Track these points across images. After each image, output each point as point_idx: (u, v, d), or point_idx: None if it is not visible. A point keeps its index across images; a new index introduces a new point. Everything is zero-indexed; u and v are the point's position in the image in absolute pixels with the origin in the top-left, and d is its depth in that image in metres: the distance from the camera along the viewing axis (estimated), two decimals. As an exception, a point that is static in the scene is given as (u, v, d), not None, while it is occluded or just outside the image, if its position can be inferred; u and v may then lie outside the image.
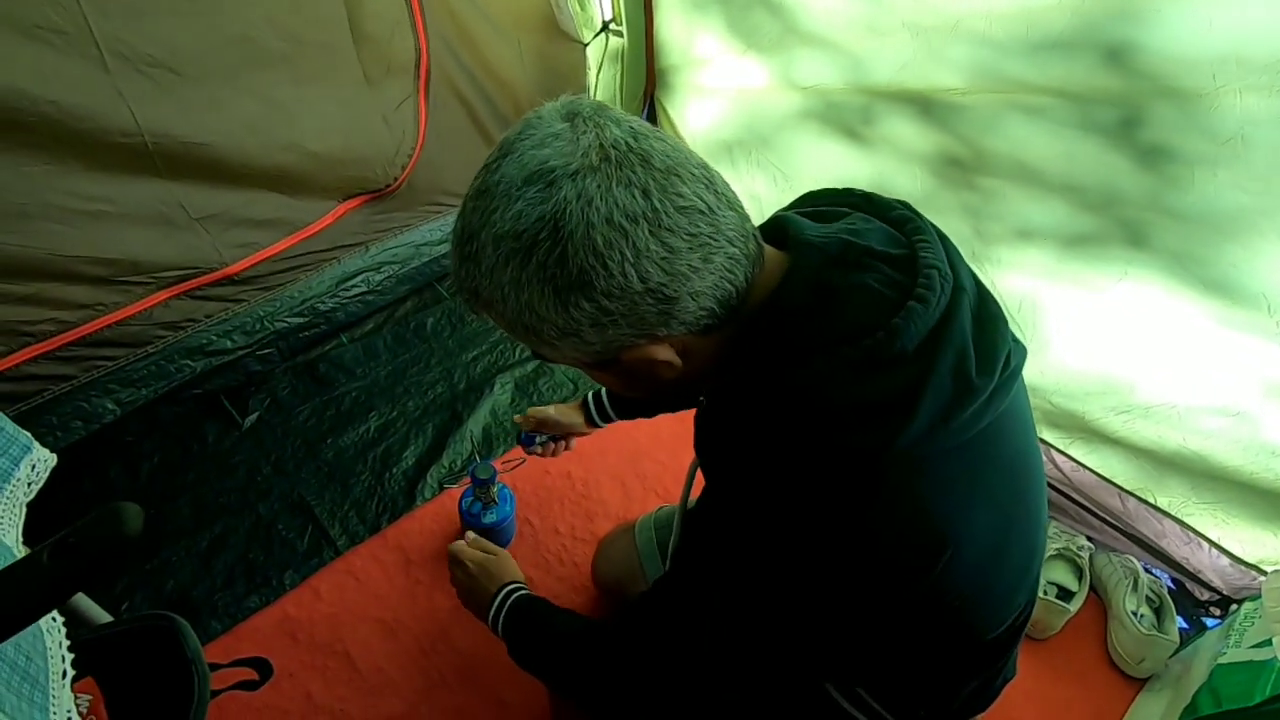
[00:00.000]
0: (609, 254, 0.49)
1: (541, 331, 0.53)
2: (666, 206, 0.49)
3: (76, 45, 1.17)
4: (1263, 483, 1.18)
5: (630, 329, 0.52)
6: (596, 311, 0.51)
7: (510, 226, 0.49)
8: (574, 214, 0.48)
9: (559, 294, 0.50)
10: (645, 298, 0.51)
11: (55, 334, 1.35)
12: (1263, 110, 0.91)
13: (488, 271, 0.52)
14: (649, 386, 0.61)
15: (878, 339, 0.52)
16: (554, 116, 0.52)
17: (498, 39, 1.78)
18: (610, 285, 0.50)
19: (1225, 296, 1.08)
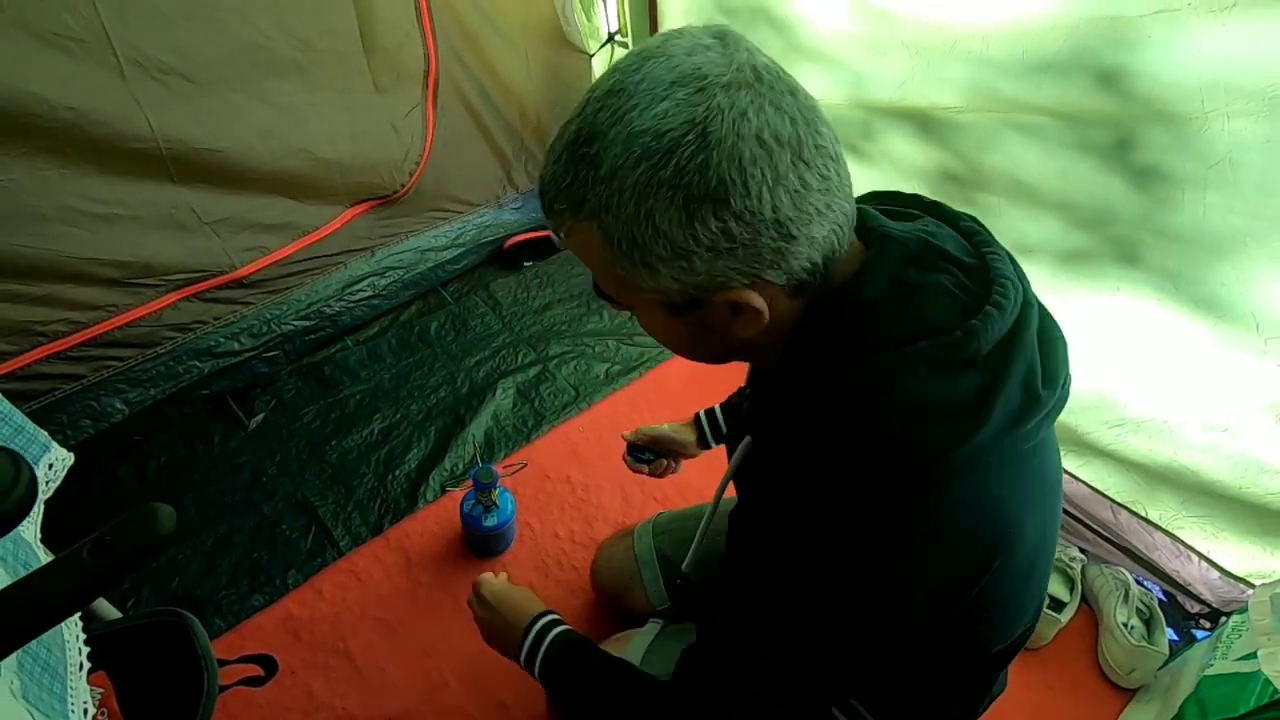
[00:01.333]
0: (751, 171, 0.46)
1: (650, 250, 0.49)
2: (809, 140, 0.48)
3: (94, 53, 1.20)
4: (1251, 497, 1.19)
5: (741, 264, 0.50)
6: (720, 234, 0.48)
7: (653, 124, 0.46)
8: (725, 123, 0.45)
9: (689, 205, 0.47)
10: (770, 229, 0.48)
11: (67, 334, 1.37)
12: (1250, 135, 0.93)
13: (608, 175, 0.48)
14: (716, 345, 0.59)
15: (955, 338, 0.52)
16: (701, 33, 0.49)
17: (505, 49, 1.81)
18: (744, 206, 0.47)
19: (1215, 315, 1.10)
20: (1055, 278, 1.24)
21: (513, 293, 2.01)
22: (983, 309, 0.53)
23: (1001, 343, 0.53)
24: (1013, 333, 0.54)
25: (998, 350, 0.53)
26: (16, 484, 0.34)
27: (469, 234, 1.99)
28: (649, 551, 1.14)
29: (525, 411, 1.70)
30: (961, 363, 0.52)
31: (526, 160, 2.04)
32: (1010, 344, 0.54)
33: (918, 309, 0.54)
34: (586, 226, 0.51)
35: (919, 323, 0.53)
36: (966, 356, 0.52)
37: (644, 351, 1.87)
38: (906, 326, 0.53)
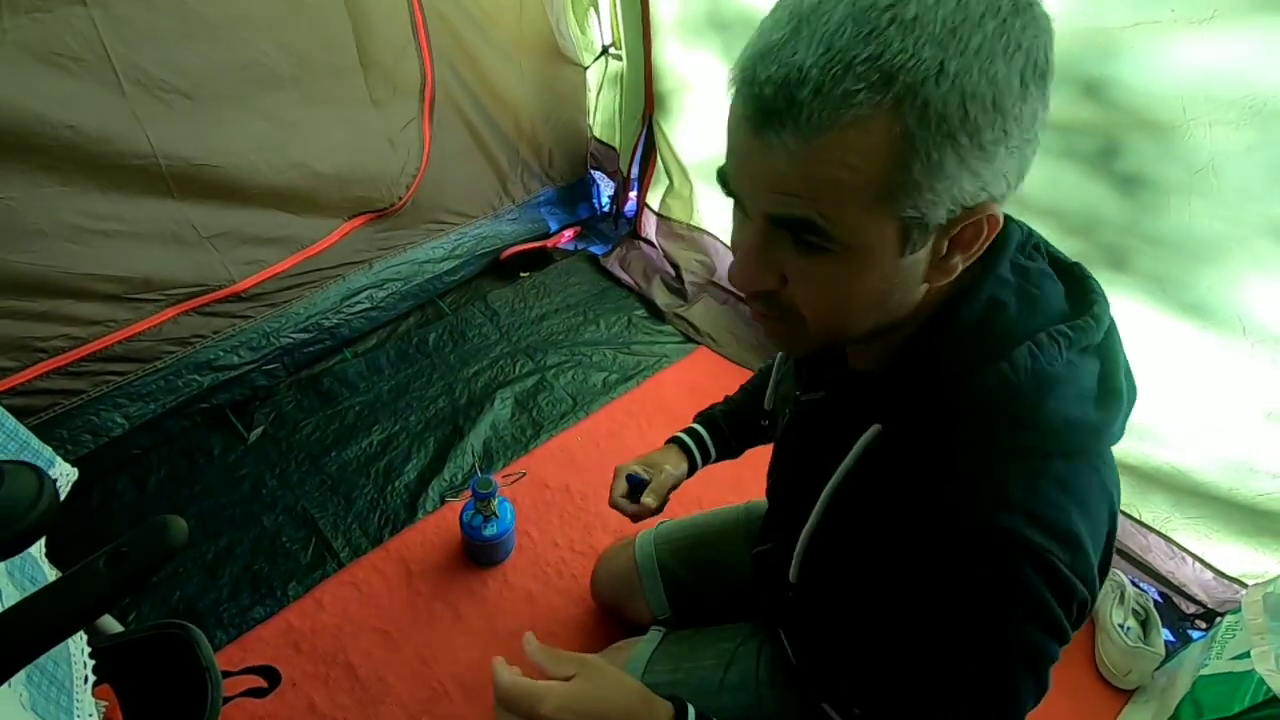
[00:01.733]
0: (1050, 52, 0.42)
1: (978, 130, 0.40)
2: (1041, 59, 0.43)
3: (95, 72, 1.21)
4: (1243, 498, 1.21)
5: (1019, 165, 0.44)
6: (1034, 119, 0.42)
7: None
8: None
9: (1024, 73, 0.40)
10: (1042, 123, 0.44)
11: (67, 350, 1.38)
12: (1231, 143, 0.95)
13: (944, 33, 0.38)
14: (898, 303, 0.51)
15: (1087, 322, 0.52)
16: None
17: (501, 62, 1.84)
18: (1050, 91, 0.43)
19: (1202, 318, 1.12)
20: (1045, 283, 1.26)
21: (510, 303, 2.02)
22: (1091, 297, 0.54)
23: (1107, 333, 0.54)
24: (1111, 324, 0.55)
25: (1106, 341, 0.54)
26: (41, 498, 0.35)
27: (466, 245, 2.01)
28: (650, 561, 1.15)
29: (523, 421, 1.71)
30: (1089, 349, 0.53)
31: (523, 171, 2.06)
32: (1111, 334, 0.55)
33: (1044, 294, 0.54)
34: (884, 114, 0.40)
35: (1049, 307, 0.53)
36: (1093, 343, 0.53)
37: (641, 360, 1.88)
38: (1040, 310, 0.53)
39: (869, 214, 0.44)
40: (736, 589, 1.03)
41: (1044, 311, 0.53)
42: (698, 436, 1.03)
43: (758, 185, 0.47)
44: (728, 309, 1.99)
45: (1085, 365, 0.52)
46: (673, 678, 0.94)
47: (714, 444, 1.03)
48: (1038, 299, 0.53)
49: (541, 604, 1.39)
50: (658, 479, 0.94)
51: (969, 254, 0.48)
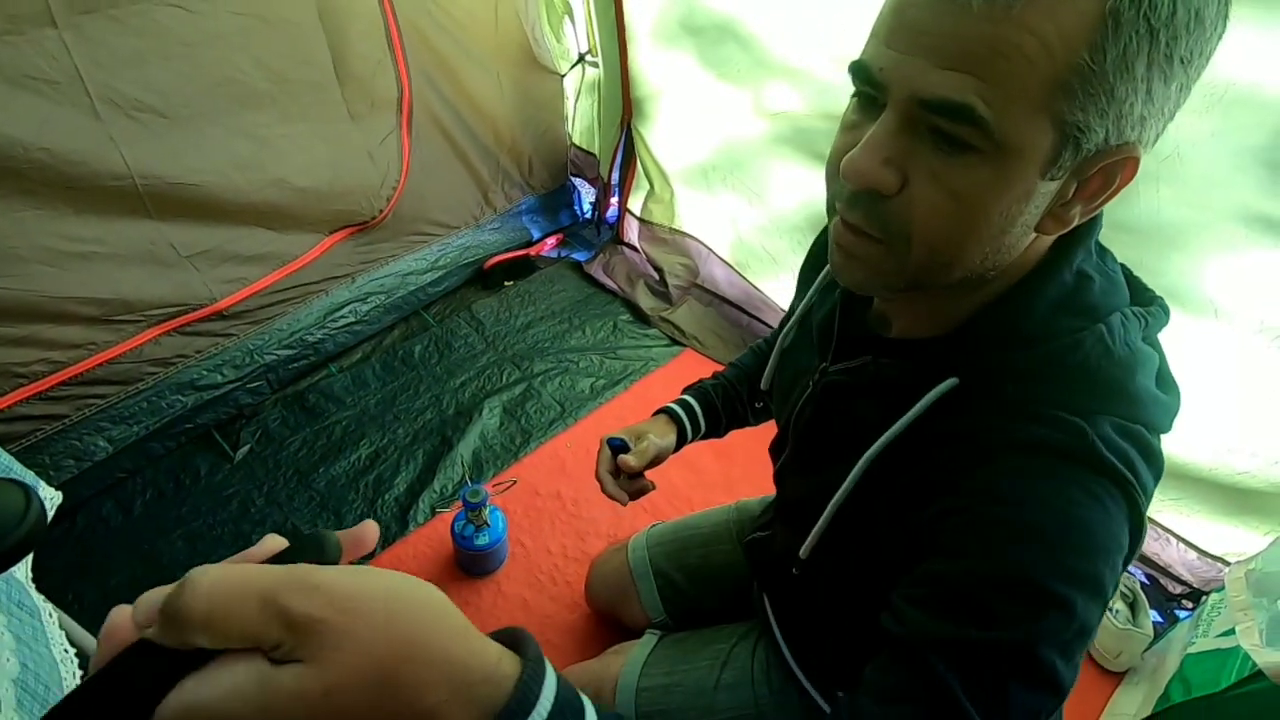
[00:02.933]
0: None
1: (1176, 40, 0.38)
2: None
3: (68, 94, 1.20)
4: (1222, 478, 1.23)
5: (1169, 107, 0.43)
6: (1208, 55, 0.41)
7: None
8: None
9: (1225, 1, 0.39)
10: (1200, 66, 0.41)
11: (47, 374, 1.36)
12: (1195, 130, 0.98)
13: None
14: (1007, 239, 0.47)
15: (1158, 310, 0.53)
16: None
17: (477, 72, 1.84)
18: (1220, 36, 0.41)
19: (1176, 302, 1.11)
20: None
21: (495, 312, 2.02)
22: (1150, 292, 0.56)
23: None
24: None
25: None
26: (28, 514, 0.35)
27: (449, 256, 2.01)
28: (644, 564, 1.15)
29: (512, 429, 1.71)
30: (1154, 341, 0.54)
31: (503, 181, 2.07)
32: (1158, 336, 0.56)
33: (1119, 278, 0.54)
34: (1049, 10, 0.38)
35: (1121, 290, 0.54)
36: (1156, 332, 0.54)
37: (628, 365, 1.89)
38: (1116, 290, 0.53)
39: (1037, 111, 0.40)
40: (730, 589, 1.04)
41: (1121, 294, 0.54)
42: (687, 406, 0.97)
43: (925, 58, 0.41)
44: (712, 311, 2.01)
45: (1154, 351, 0.54)
46: (668, 680, 0.94)
47: (704, 417, 0.97)
48: (1116, 281, 0.54)
49: (536, 611, 1.39)
50: (639, 445, 0.89)
51: (1090, 206, 0.46)
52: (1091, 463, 0.47)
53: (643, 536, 1.19)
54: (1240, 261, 1.05)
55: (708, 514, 1.17)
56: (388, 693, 0.28)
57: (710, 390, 0.99)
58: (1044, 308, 0.51)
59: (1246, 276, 1.05)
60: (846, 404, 0.63)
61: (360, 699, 0.27)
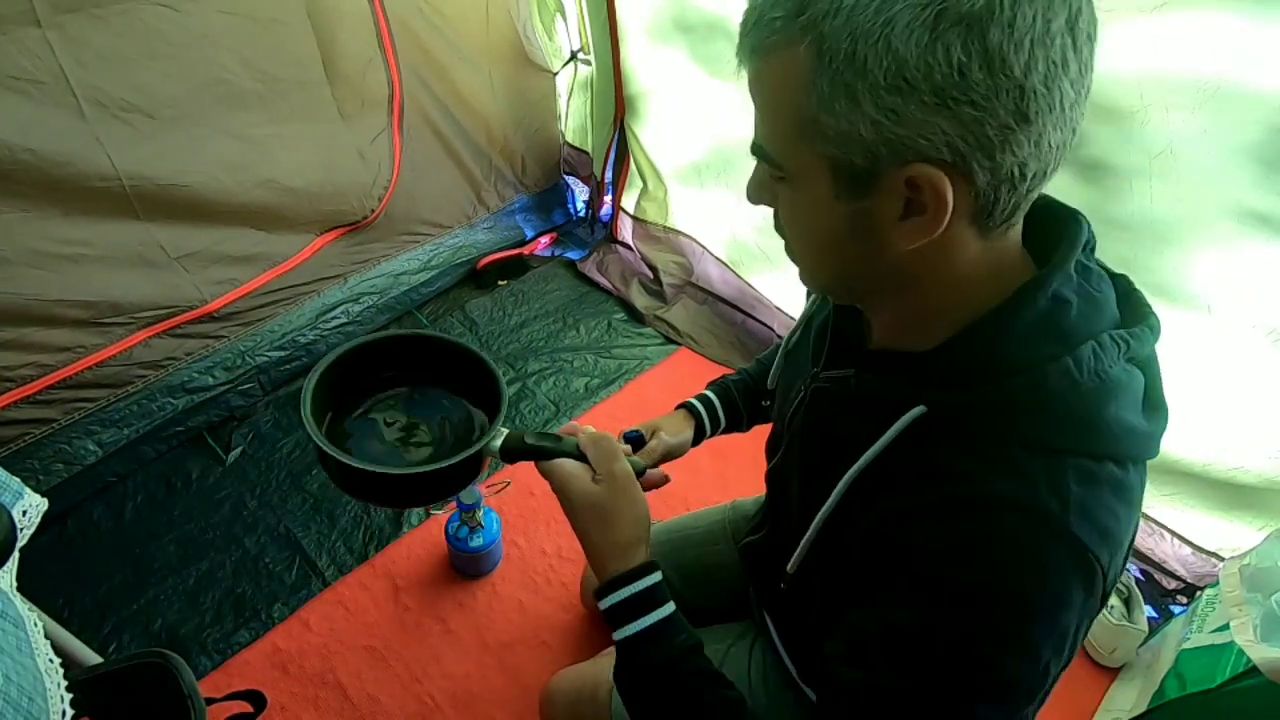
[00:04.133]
0: (1024, 9, 0.39)
1: (868, 71, 0.41)
2: (1087, 18, 0.42)
3: (53, 95, 1.19)
4: (1216, 473, 1.23)
5: (959, 130, 0.42)
6: (956, 73, 0.40)
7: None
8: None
9: (939, 21, 0.39)
10: (1010, 95, 0.41)
11: (36, 378, 1.35)
12: (1187, 126, 0.97)
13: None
14: (857, 256, 0.50)
15: (1144, 331, 0.51)
16: None
17: (469, 71, 1.83)
18: (999, 46, 0.39)
19: (1169, 299, 1.14)
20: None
21: (488, 312, 2.01)
22: (1143, 309, 0.54)
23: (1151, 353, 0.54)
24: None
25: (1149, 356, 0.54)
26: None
27: (442, 256, 2.00)
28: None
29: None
30: (1141, 361, 0.52)
31: (496, 180, 2.06)
32: (1153, 353, 0.54)
33: (1105, 297, 0.53)
34: (795, 41, 0.43)
35: (1108, 312, 0.53)
36: (1145, 353, 0.52)
37: (622, 364, 1.88)
38: (1099, 313, 0.52)
39: (796, 144, 0.47)
40: (726, 589, 1.03)
41: (1103, 315, 0.52)
42: (707, 402, 0.98)
43: None
44: (707, 309, 2.00)
45: (1136, 374, 0.52)
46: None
47: (724, 412, 0.98)
48: (1099, 302, 0.52)
49: (531, 612, 1.38)
50: (651, 443, 0.89)
51: (936, 223, 0.46)
52: (1047, 526, 0.47)
53: (637, 536, 1.18)
54: (1232, 258, 1.05)
55: (703, 514, 1.17)
56: (613, 518, 0.65)
57: (732, 386, 1.00)
58: (1013, 337, 0.51)
59: (1239, 273, 1.05)
60: (832, 415, 0.63)
61: (602, 513, 0.65)
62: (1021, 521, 0.48)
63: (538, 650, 1.33)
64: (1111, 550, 0.49)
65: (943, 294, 0.52)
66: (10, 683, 0.54)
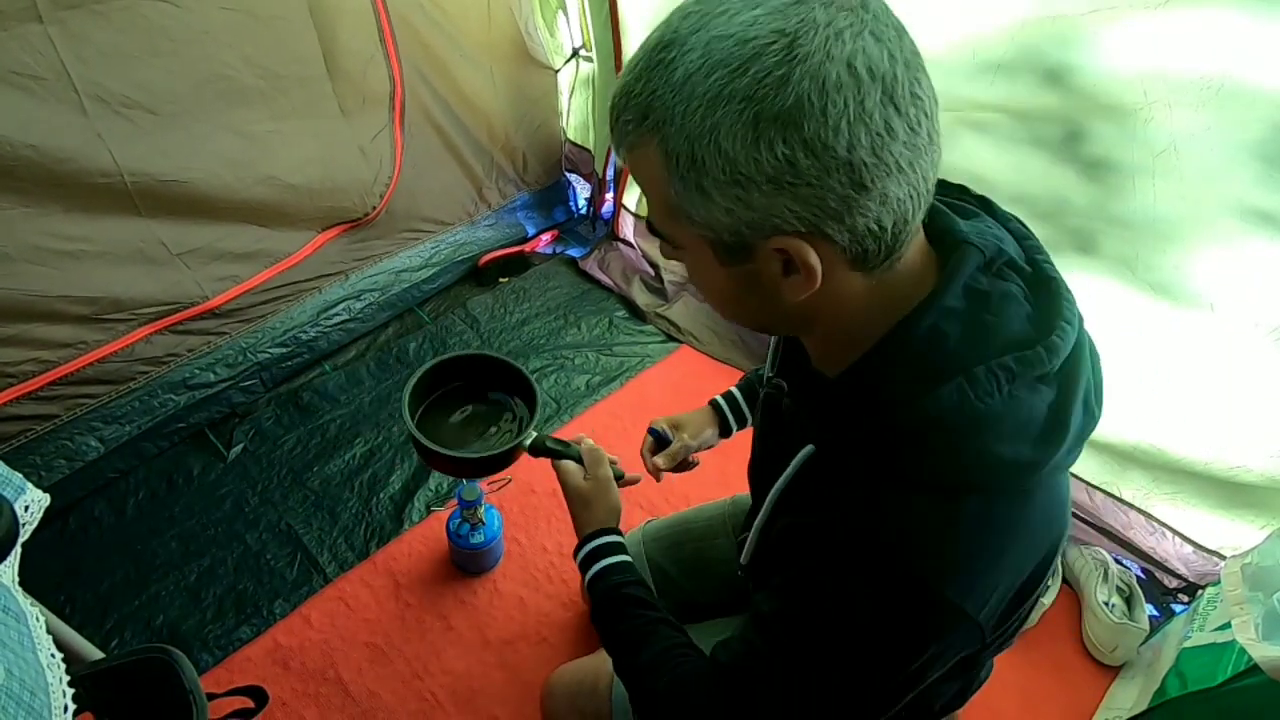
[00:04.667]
0: (833, 97, 0.42)
1: (708, 170, 0.45)
2: (905, 84, 0.44)
3: (55, 90, 1.19)
4: (1218, 472, 1.23)
5: (803, 206, 0.45)
6: (785, 163, 0.44)
7: (738, 31, 0.43)
8: (816, 38, 0.42)
9: (758, 123, 0.43)
10: (841, 171, 0.44)
11: (37, 374, 1.35)
12: (1190, 124, 0.97)
13: (682, 80, 0.44)
14: (760, 307, 0.55)
15: (1038, 353, 0.51)
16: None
17: (470, 68, 1.83)
18: (816, 135, 0.43)
19: (1171, 297, 1.14)
20: (1018, 269, 1.28)
21: (490, 309, 2.01)
22: (1055, 322, 0.53)
23: (1069, 358, 0.53)
24: (1077, 346, 0.53)
25: (1065, 365, 0.52)
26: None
27: (443, 253, 2.00)
28: (639, 558, 1.14)
29: (508, 427, 1.71)
30: (1041, 378, 0.51)
31: (497, 176, 2.06)
32: (1076, 359, 0.53)
33: (998, 321, 0.52)
34: (649, 141, 0.47)
35: (1000, 335, 0.52)
36: (1044, 372, 0.51)
37: (624, 362, 1.88)
38: (988, 339, 0.52)
39: (673, 223, 0.51)
40: (726, 583, 1.03)
41: (995, 340, 0.52)
42: (732, 399, 1.04)
43: None
44: (708, 307, 2.00)
45: (1033, 397, 0.51)
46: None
47: (748, 407, 1.03)
48: (990, 326, 0.52)
49: (532, 609, 1.39)
50: (673, 446, 0.99)
51: (812, 280, 0.49)
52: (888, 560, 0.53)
53: (638, 532, 1.19)
54: (1235, 256, 1.04)
55: (703, 508, 1.17)
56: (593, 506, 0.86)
57: (755, 382, 1.02)
58: (887, 374, 0.54)
59: (1241, 271, 1.05)
60: (774, 424, 0.71)
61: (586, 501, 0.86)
62: (866, 555, 0.53)
63: (538, 647, 1.33)
64: (970, 582, 0.52)
65: (842, 328, 0.55)
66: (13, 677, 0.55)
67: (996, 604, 0.54)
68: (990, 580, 0.53)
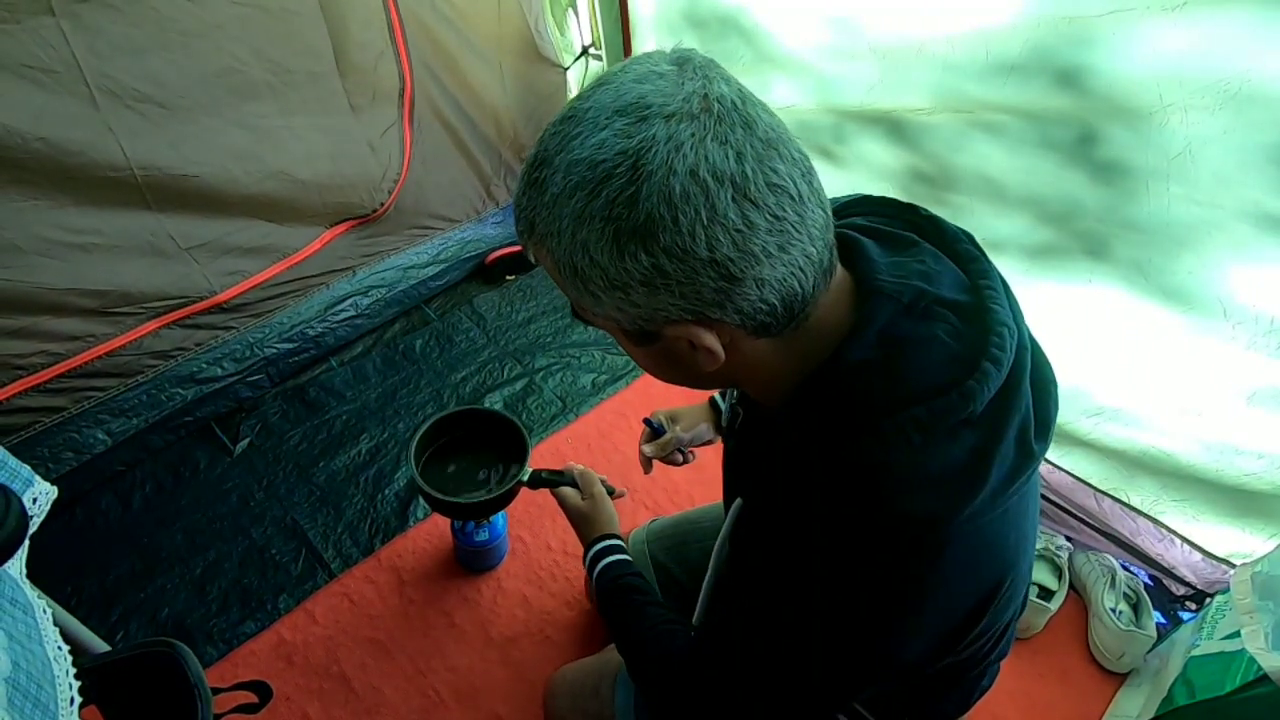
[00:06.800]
0: (682, 208, 0.44)
1: (589, 279, 0.49)
2: (758, 178, 0.45)
3: (66, 84, 1.19)
4: (1228, 479, 1.22)
5: (683, 300, 0.48)
6: (652, 269, 0.46)
7: (588, 154, 0.45)
8: (658, 155, 0.44)
9: (619, 238, 0.46)
10: (708, 268, 0.46)
11: (46, 366, 1.36)
12: (1207, 127, 0.96)
13: (551, 200, 0.47)
14: (686, 374, 0.58)
15: (951, 400, 0.50)
16: (662, 59, 0.48)
17: (480, 64, 1.83)
18: (674, 243, 0.45)
19: (1183, 303, 1.13)
20: (1027, 272, 1.27)
21: (496, 307, 2.01)
22: (979, 362, 0.51)
23: (997, 396, 0.51)
24: (1008, 384, 0.52)
25: (993, 405, 0.51)
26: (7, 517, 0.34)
27: (450, 250, 2.00)
28: (643, 558, 1.14)
29: (513, 425, 1.71)
30: (959, 425, 0.51)
31: (505, 174, 2.05)
32: (1006, 397, 0.52)
33: (910, 367, 0.52)
34: (540, 250, 0.51)
35: (913, 383, 0.51)
36: (963, 419, 0.50)
37: (629, 361, 1.88)
38: (900, 389, 0.51)
39: (582, 312, 0.55)
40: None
41: (907, 389, 0.51)
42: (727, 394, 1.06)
43: None
44: (715, 307, 1.99)
45: (950, 446, 0.51)
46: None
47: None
48: (902, 376, 0.51)
49: (536, 607, 1.38)
50: (665, 436, 1.05)
51: (716, 356, 0.52)
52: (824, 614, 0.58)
53: (642, 531, 1.19)
54: (1250, 261, 1.03)
55: (707, 509, 1.17)
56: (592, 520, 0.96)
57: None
58: (805, 422, 0.56)
59: (1256, 277, 1.04)
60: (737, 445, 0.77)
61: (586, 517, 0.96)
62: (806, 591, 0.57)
63: (542, 645, 1.33)
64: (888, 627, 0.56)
65: (764, 380, 0.58)
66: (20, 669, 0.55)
67: (927, 644, 0.58)
68: (912, 625, 0.56)
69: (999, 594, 0.57)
